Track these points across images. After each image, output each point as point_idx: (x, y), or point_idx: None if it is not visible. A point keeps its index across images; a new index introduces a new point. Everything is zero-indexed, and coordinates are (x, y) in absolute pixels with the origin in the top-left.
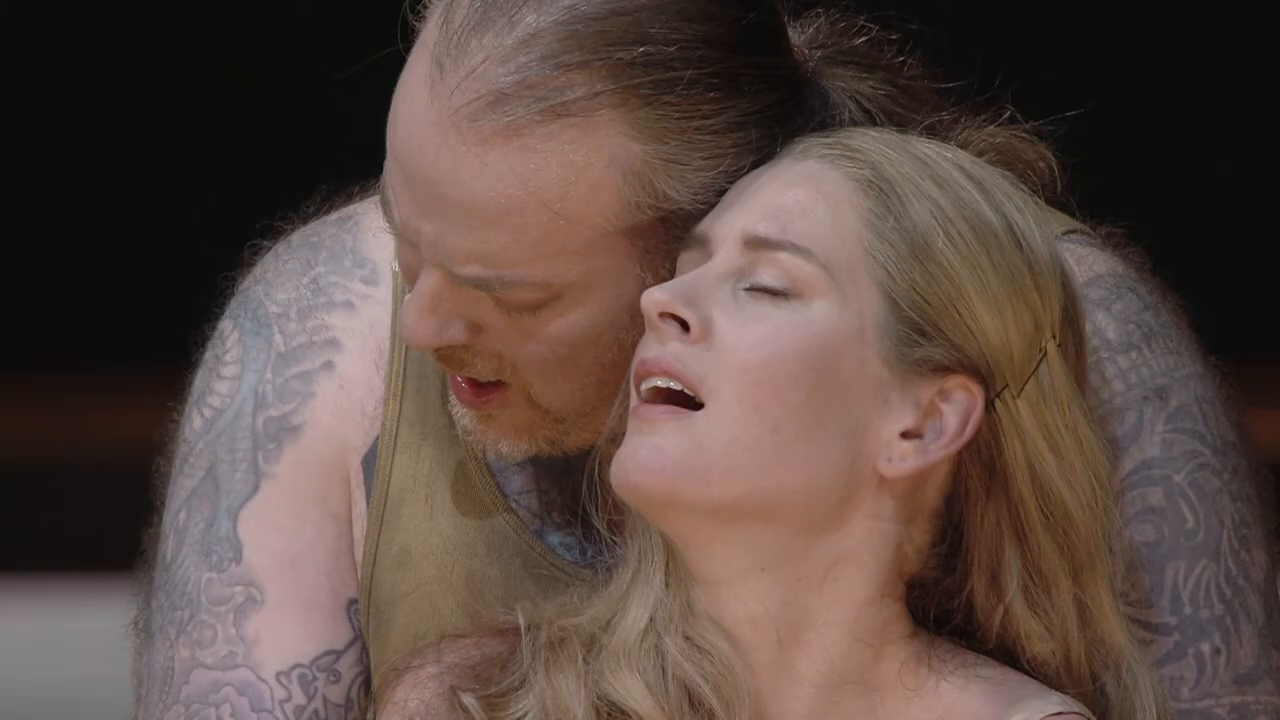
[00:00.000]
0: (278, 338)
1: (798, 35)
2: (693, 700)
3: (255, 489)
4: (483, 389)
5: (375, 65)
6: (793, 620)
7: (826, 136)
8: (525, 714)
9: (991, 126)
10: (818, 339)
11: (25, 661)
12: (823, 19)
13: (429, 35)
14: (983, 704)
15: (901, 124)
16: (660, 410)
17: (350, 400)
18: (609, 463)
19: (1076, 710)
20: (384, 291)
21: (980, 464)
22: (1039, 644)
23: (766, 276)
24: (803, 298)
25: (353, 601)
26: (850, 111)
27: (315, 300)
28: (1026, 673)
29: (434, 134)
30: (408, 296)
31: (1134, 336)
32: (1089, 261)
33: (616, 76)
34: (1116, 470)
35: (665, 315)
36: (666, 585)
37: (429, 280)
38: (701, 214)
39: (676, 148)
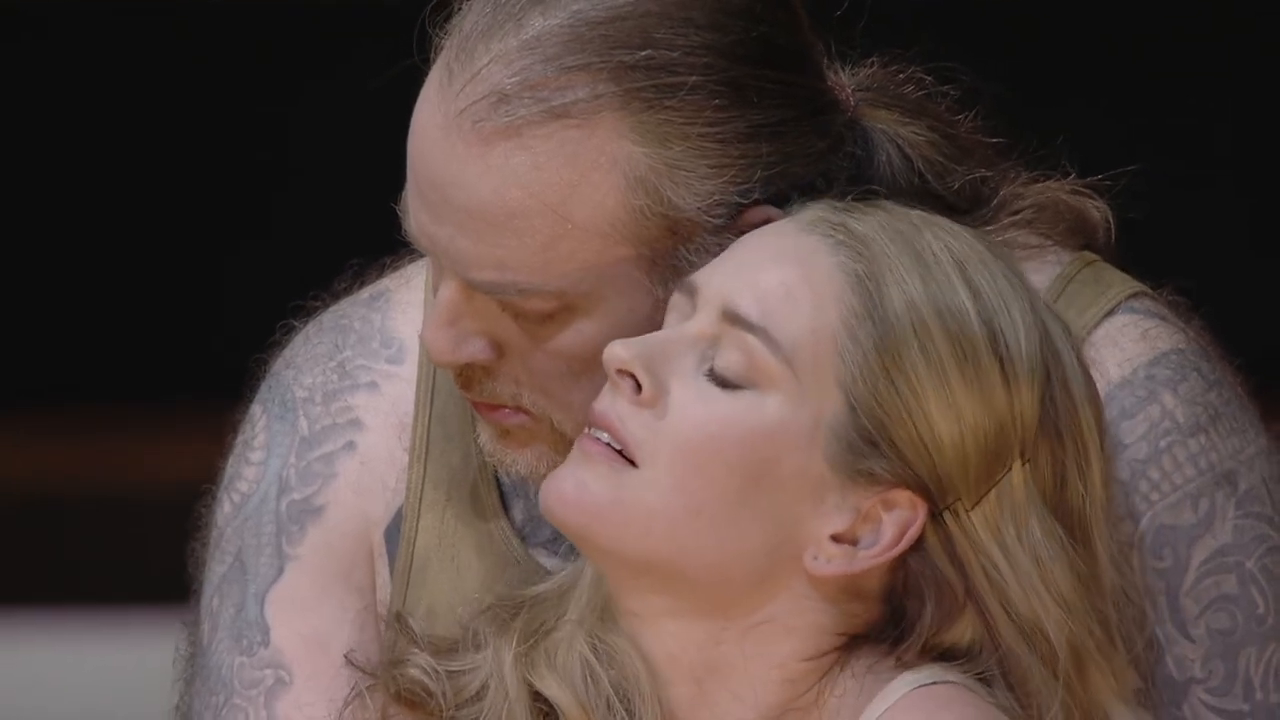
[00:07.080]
0: (302, 422)
1: (848, 77)
2: (610, 702)
3: (280, 572)
4: (502, 408)
5: None
6: (713, 662)
7: (835, 212)
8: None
9: (1042, 183)
10: (763, 431)
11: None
12: (875, 64)
13: (446, 45)
14: (882, 682)
15: (943, 174)
16: (600, 449)
17: (372, 476)
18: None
19: (952, 680)
20: (409, 369)
21: (948, 569)
22: None
23: (730, 360)
24: (759, 388)
25: None
26: (889, 154)
27: (341, 384)
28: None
29: (441, 137)
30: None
31: (1201, 419)
32: (1153, 336)
33: (618, 79)
34: (1132, 571)
35: (623, 372)
36: (591, 596)
37: (447, 290)
38: (710, 227)
39: (680, 153)
